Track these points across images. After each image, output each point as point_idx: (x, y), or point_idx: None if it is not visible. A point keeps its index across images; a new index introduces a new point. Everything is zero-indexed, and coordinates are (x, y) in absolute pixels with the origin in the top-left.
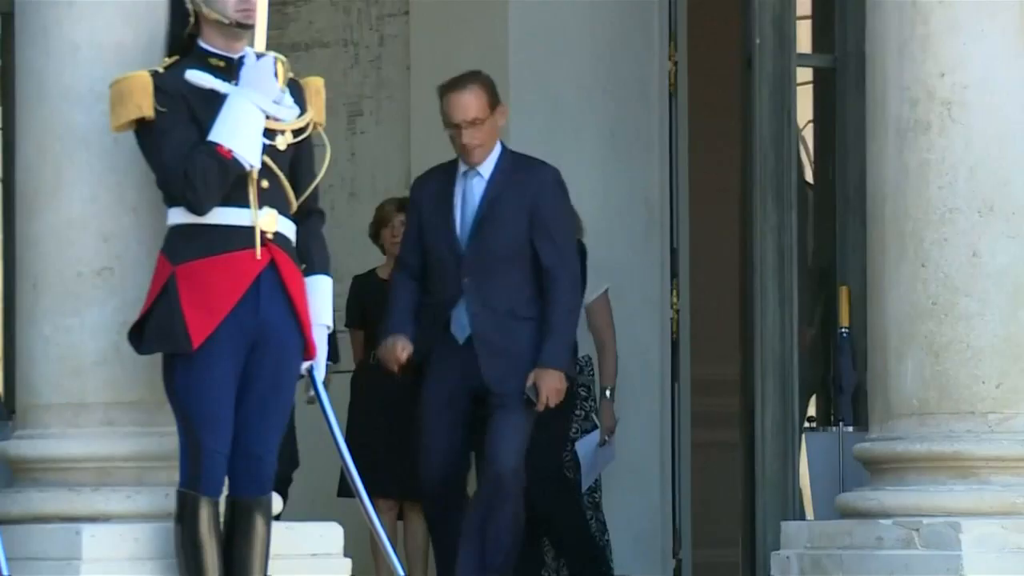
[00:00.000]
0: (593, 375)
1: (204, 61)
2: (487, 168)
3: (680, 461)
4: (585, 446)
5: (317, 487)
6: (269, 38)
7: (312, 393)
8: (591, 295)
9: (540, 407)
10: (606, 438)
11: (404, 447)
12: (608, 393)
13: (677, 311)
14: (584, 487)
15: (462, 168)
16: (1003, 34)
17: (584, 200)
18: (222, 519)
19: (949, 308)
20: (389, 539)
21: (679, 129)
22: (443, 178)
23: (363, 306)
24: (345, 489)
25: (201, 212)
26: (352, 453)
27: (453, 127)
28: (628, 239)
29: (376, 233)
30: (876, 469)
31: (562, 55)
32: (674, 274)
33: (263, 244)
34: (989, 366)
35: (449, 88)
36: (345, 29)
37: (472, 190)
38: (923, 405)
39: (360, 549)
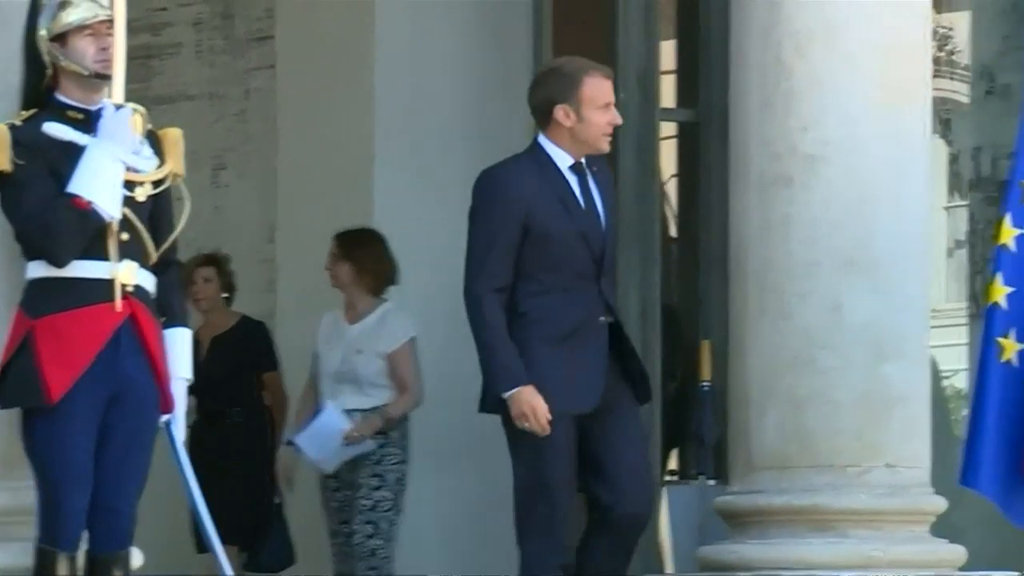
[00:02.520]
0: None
1: (62, 113)
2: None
3: None
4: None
5: (174, 541)
6: (134, 91)
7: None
8: (398, 342)
9: None
10: (356, 434)
11: (246, 494)
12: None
13: None
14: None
15: (567, 160)
16: (865, 91)
17: (450, 255)
18: (81, 574)
19: (810, 362)
20: None
21: None
22: (538, 173)
23: None
24: (203, 546)
25: (60, 265)
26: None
27: (602, 107)
28: None
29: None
30: (737, 523)
31: (427, 108)
32: None
33: (122, 297)
34: (849, 420)
35: (592, 68)
36: (210, 82)
37: (589, 184)
38: (784, 458)
39: None
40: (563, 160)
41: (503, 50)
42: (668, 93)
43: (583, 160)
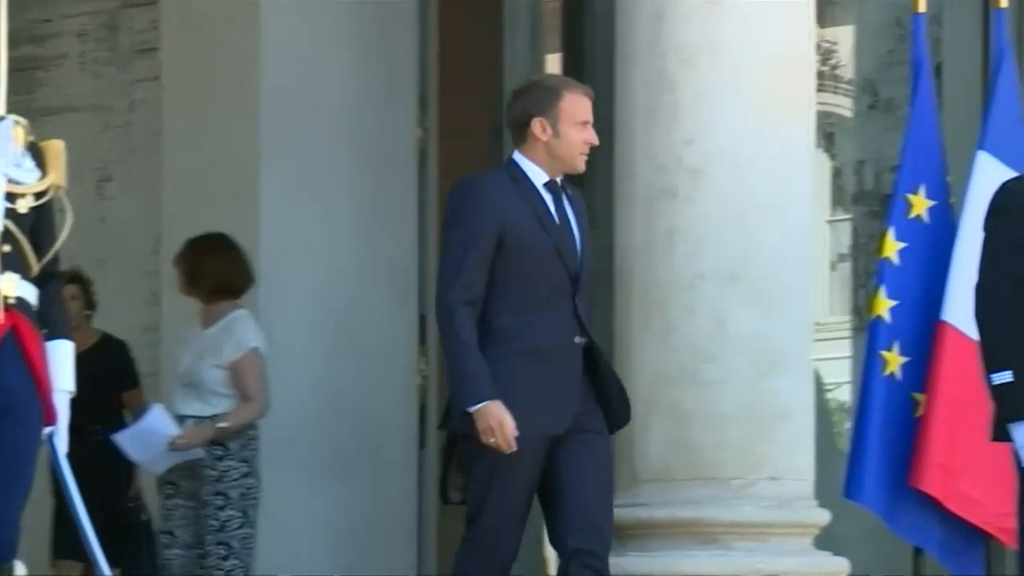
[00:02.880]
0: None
1: None
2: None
3: (425, 525)
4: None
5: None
6: (17, 103)
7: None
8: (239, 351)
9: None
10: (182, 441)
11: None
12: (219, 425)
13: (425, 377)
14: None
15: (542, 177)
16: (749, 104)
17: (336, 266)
18: None
19: (695, 375)
20: None
21: (429, 196)
22: (513, 187)
23: None
24: (61, 551)
25: None
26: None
27: (580, 124)
28: (380, 305)
29: None
30: (621, 535)
31: (313, 121)
32: (422, 340)
33: (4, 309)
34: (734, 433)
35: (573, 84)
36: (95, 94)
37: (564, 204)
38: (668, 471)
39: None
40: (538, 177)
41: (388, 61)
42: None
43: (559, 180)
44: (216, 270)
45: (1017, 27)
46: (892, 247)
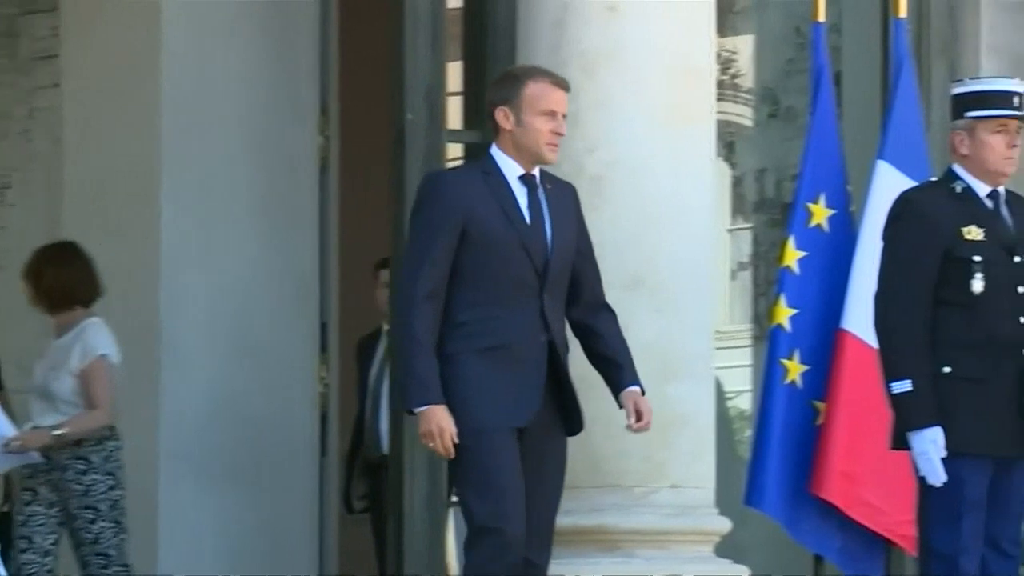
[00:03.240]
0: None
1: None
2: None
3: (327, 536)
4: None
5: None
6: None
7: None
8: (87, 359)
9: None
10: (14, 444)
11: None
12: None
13: (326, 385)
14: None
15: (516, 171)
16: (650, 112)
17: (237, 274)
18: None
19: (596, 383)
20: None
21: (330, 203)
22: (482, 180)
23: None
24: None
25: None
26: None
27: (544, 113)
28: (281, 313)
29: None
30: None
31: (214, 128)
32: (323, 348)
33: None
34: (635, 440)
35: (540, 73)
36: None
37: (539, 198)
38: (571, 479)
39: None
40: (511, 170)
41: (289, 68)
42: (455, 114)
43: (536, 174)
44: (60, 280)
45: (916, 36)
46: (793, 256)
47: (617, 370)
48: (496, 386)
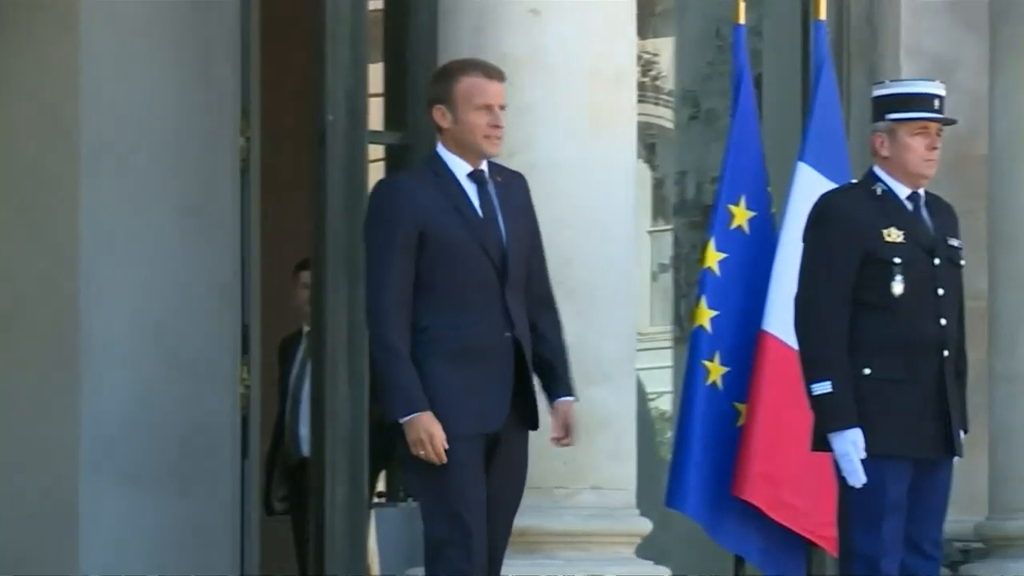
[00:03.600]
0: None
1: None
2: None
3: (248, 538)
4: None
5: None
6: None
7: None
8: None
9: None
10: None
11: None
12: None
13: (247, 387)
14: None
15: (464, 168)
16: (571, 115)
17: (158, 276)
18: None
19: None
20: None
21: (251, 205)
22: (434, 181)
23: None
24: None
25: None
26: None
27: (480, 108)
28: (202, 315)
29: None
30: None
31: (135, 132)
32: (245, 350)
33: None
34: None
35: (471, 66)
36: None
37: (489, 193)
38: None
39: None
40: (460, 168)
41: (210, 71)
42: (376, 116)
43: (484, 169)
44: None
45: (836, 39)
46: (714, 257)
47: (553, 377)
48: (465, 391)
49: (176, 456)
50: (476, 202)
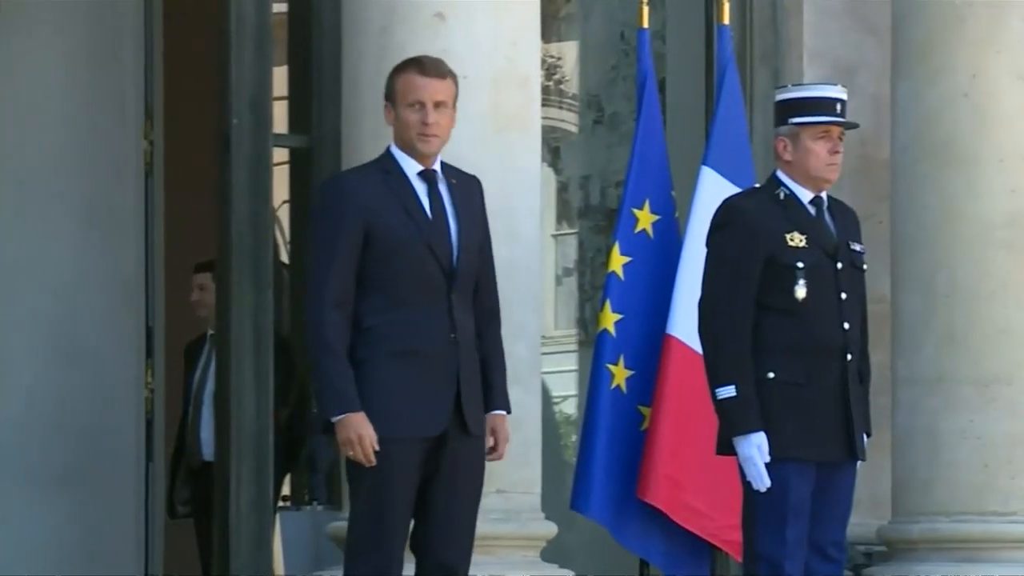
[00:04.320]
0: None
1: None
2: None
3: (153, 540)
4: None
5: None
6: None
7: None
8: None
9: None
10: None
11: None
12: None
13: (152, 390)
14: None
15: (415, 167)
16: (477, 118)
17: (61, 278)
18: None
19: None
20: None
21: (155, 208)
22: (382, 179)
23: None
24: None
25: None
26: None
27: (411, 105)
28: (102, 319)
29: None
30: None
31: (38, 134)
32: (149, 353)
33: None
34: None
35: (411, 64)
36: None
37: (440, 194)
38: None
39: None
40: (410, 167)
41: (114, 73)
42: (281, 119)
43: (436, 169)
44: None
45: (740, 43)
46: (619, 261)
47: (489, 389)
48: (405, 394)
49: (81, 458)
50: (426, 202)
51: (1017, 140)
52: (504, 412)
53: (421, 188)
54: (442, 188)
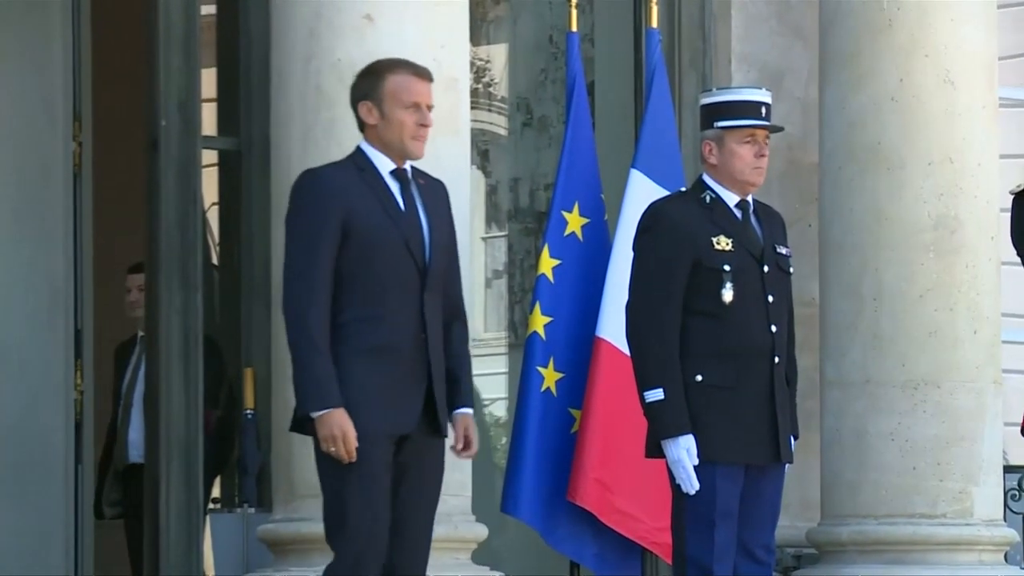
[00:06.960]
0: None
1: None
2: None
3: (83, 542)
4: None
5: None
6: None
7: None
8: None
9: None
10: None
11: None
12: None
13: (81, 392)
14: None
15: (388, 165)
16: None
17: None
18: None
19: None
20: None
21: (83, 210)
22: (358, 176)
23: None
24: None
25: None
26: None
27: (409, 106)
28: (31, 320)
29: None
30: (280, 550)
31: None
32: (78, 355)
33: None
34: None
35: (401, 65)
36: None
37: (412, 193)
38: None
39: None
40: (384, 164)
41: (41, 75)
42: (209, 121)
43: (407, 168)
44: None
45: (668, 47)
46: (548, 264)
47: (455, 388)
48: (378, 391)
49: (9, 460)
50: (400, 199)
51: (944, 144)
52: (470, 410)
53: (395, 186)
54: (413, 188)
